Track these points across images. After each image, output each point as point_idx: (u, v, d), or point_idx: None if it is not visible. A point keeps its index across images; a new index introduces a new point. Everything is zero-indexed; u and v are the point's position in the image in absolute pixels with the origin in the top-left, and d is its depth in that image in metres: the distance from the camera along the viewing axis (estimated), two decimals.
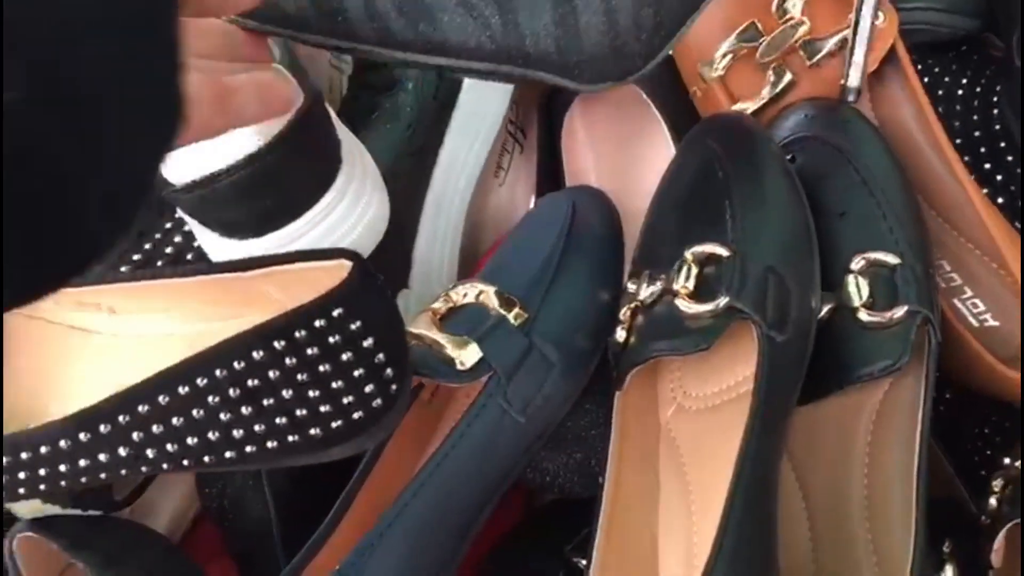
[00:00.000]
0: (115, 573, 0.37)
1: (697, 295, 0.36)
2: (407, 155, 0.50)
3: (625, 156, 0.54)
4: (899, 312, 0.37)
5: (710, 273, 0.36)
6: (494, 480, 0.39)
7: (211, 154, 0.39)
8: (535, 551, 0.44)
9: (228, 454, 0.35)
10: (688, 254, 0.37)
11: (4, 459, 0.35)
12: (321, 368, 0.34)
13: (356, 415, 0.35)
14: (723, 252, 0.37)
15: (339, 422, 0.35)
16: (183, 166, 0.40)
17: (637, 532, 0.41)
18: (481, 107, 0.53)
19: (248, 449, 0.35)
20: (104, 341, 0.41)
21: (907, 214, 0.40)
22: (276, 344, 0.33)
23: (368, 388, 0.34)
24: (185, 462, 0.35)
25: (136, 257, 0.48)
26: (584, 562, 0.42)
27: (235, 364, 0.33)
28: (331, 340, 0.33)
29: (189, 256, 0.48)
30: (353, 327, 0.33)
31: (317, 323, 0.33)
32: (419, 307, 0.49)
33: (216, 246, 0.44)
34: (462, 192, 0.52)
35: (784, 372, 0.36)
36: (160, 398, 0.34)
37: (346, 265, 0.34)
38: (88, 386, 0.40)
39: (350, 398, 0.34)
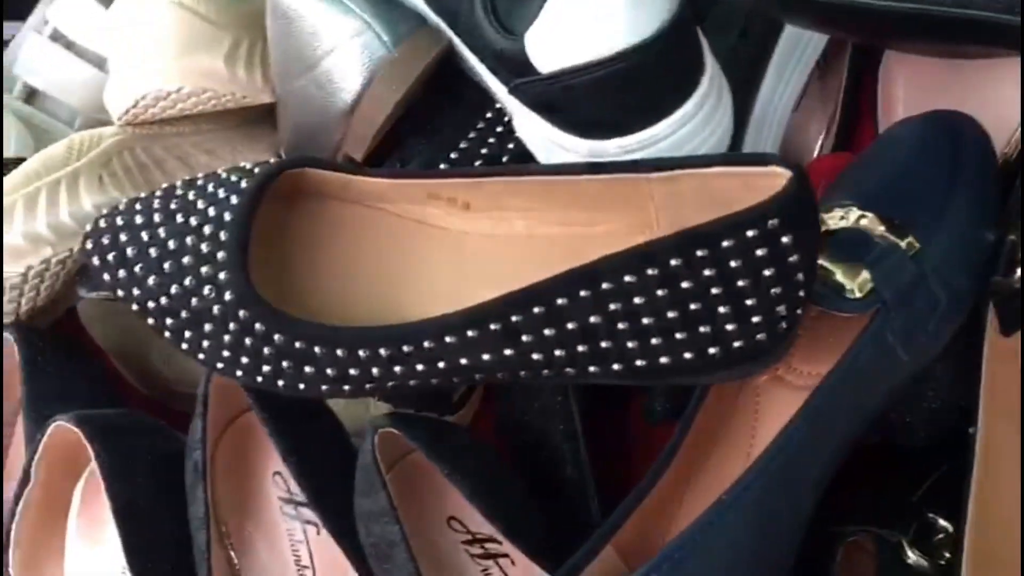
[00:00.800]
0: (461, 478, 0.36)
1: None
2: (737, 67, 0.46)
3: (958, 81, 0.49)
4: None
5: None
6: (861, 425, 0.36)
7: (590, 43, 0.37)
8: (880, 499, 0.41)
9: (616, 366, 0.33)
10: None
11: (382, 351, 0.34)
12: (740, 283, 0.31)
13: (759, 336, 0.32)
14: None
15: (740, 343, 0.32)
16: (556, 53, 0.37)
17: (1007, 491, 0.37)
18: None
19: (637, 363, 0.33)
20: (454, 239, 0.39)
21: None
22: (698, 252, 0.30)
23: (780, 308, 0.32)
24: (568, 370, 0.33)
25: (453, 155, 0.46)
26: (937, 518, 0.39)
27: (648, 270, 0.31)
28: (758, 253, 0.30)
29: (505, 158, 0.46)
30: (784, 240, 0.30)
31: (748, 232, 0.30)
32: None
33: (553, 145, 0.42)
34: (783, 111, 0.49)
35: None
36: (558, 300, 0.32)
37: (779, 172, 0.31)
38: (439, 283, 0.38)
39: (758, 318, 0.32)
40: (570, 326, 0.32)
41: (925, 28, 0.36)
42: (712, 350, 0.32)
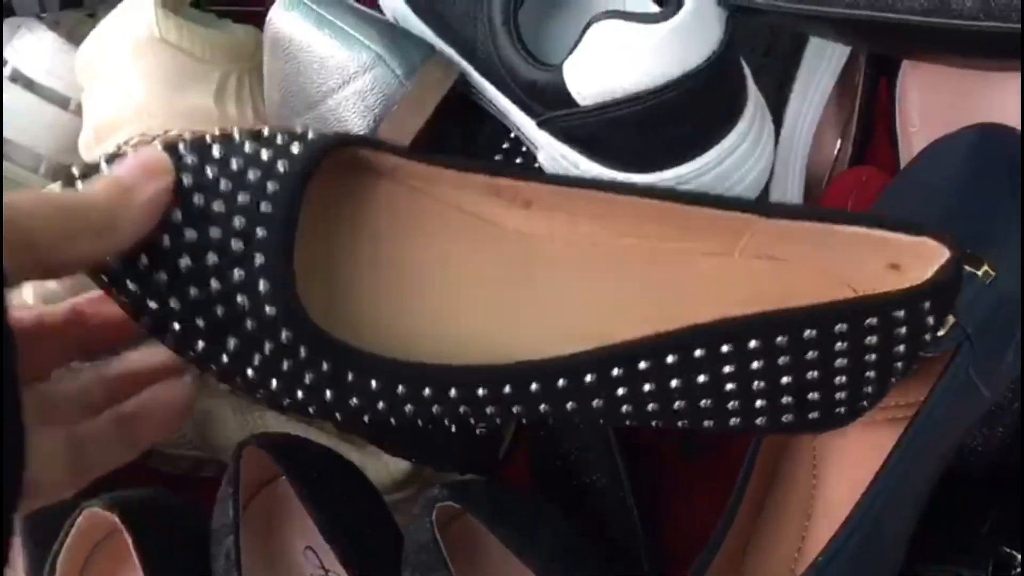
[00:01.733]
0: (526, 548, 0.33)
1: None
2: (766, 84, 0.44)
3: (975, 91, 0.48)
4: None
5: None
6: (943, 465, 0.35)
7: (637, 73, 0.34)
8: (952, 536, 0.39)
9: (707, 423, 0.30)
10: None
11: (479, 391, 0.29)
12: (868, 357, 0.28)
13: (860, 404, 0.30)
14: None
15: (842, 409, 0.30)
16: (596, 84, 0.35)
17: None
18: None
19: (731, 421, 0.30)
20: (513, 238, 0.34)
21: None
22: (839, 327, 0.28)
23: (892, 380, 0.30)
24: (680, 423, 0.30)
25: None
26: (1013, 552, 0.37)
27: (793, 334, 0.28)
28: (897, 332, 0.28)
29: None
30: (928, 321, 0.28)
31: (896, 313, 0.28)
32: None
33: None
34: (810, 123, 0.47)
35: None
36: (696, 351, 0.28)
37: (933, 246, 0.28)
38: (490, 281, 0.34)
39: (869, 388, 0.29)
40: (701, 379, 0.29)
41: (943, 40, 0.34)
42: (812, 415, 0.30)
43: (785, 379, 0.29)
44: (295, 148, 0.28)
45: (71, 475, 0.26)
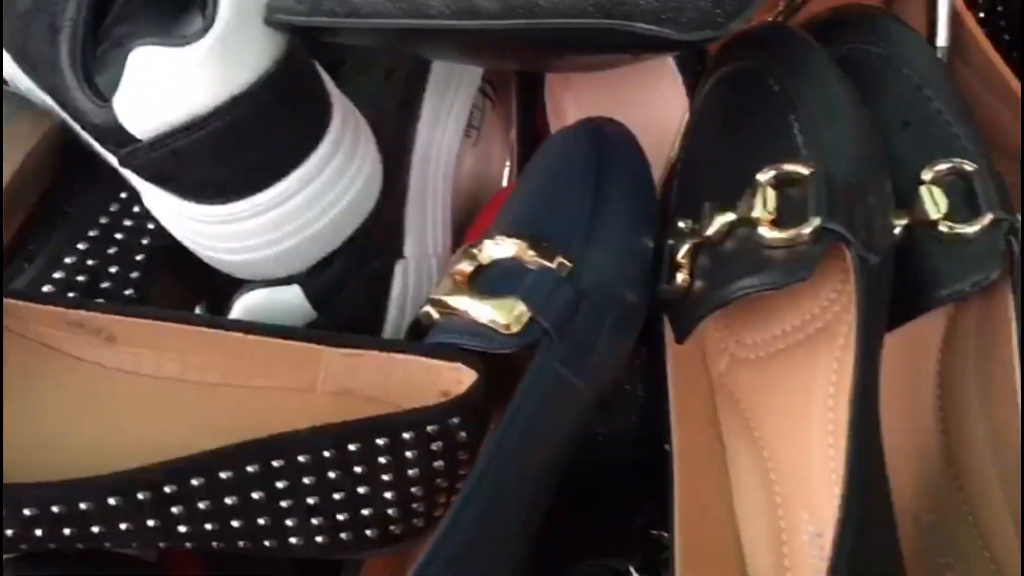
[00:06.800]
0: None
1: (779, 222, 0.32)
2: (389, 108, 0.44)
3: (623, 89, 0.49)
4: (985, 221, 0.34)
5: (791, 195, 0.32)
6: (553, 459, 0.34)
7: (183, 99, 0.33)
8: (607, 529, 0.39)
9: (267, 543, 0.30)
10: (761, 177, 0.33)
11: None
12: (410, 472, 0.31)
13: (415, 522, 0.31)
14: (803, 171, 0.32)
15: (397, 527, 0.31)
16: (149, 115, 0.33)
17: (712, 498, 0.36)
18: None
19: (292, 540, 0.31)
20: (93, 372, 0.34)
21: (968, 117, 0.37)
22: (378, 440, 0.30)
23: (441, 499, 0.32)
24: (214, 543, 0.30)
25: (81, 246, 0.40)
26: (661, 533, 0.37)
27: (325, 452, 0.29)
28: (433, 447, 0.31)
29: (145, 241, 0.41)
30: (460, 436, 0.31)
31: (429, 428, 0.30)
32: (417, 278, 0.44)
33: (183, 218, 0.38)
34: (448, 146, 0.47)
35: (877, 298, 0.32)
36: (222, 474, 0.29)
37: (466, 370, 0.32)
38: (70, 419, 0.33)
39: (419, 505, 0.31)
40: (228, 501, 0.29)
41: (526, 42, 0.34)
42: (369, 532, 0.31)
43: (338, 495, 0.30)
44: None
45: None
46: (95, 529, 0.29)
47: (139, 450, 0.31)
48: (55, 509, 0.29)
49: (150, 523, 0.29)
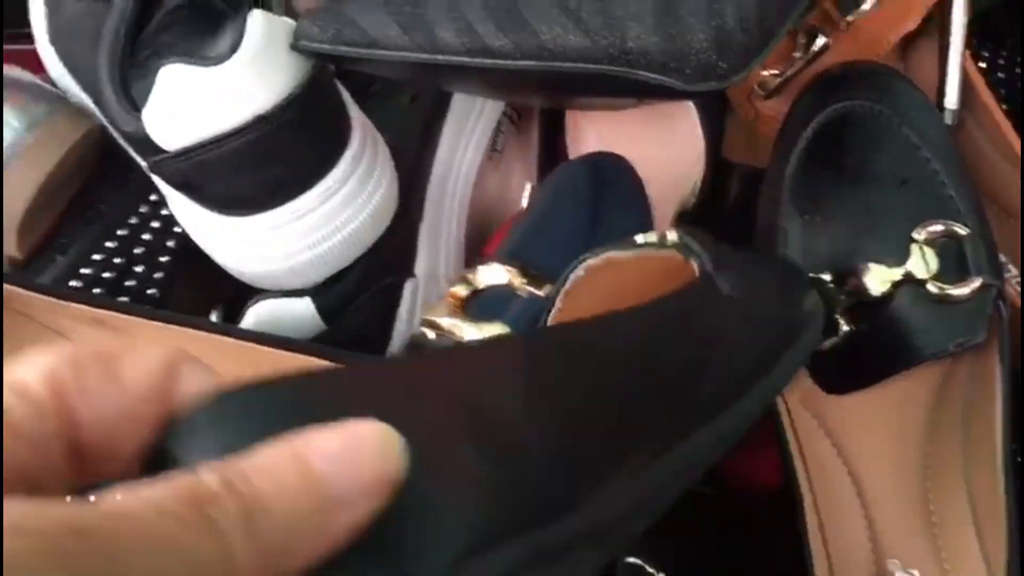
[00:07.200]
0: None
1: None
2: (411, 131, 0.46)
3: (642, 123, 0.51)
4: (974, 285, 0.35)
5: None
6: None
7: (209, 116, 0.35)
8: None
9: None
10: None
11: None
12: None
13: None
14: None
15: None
16: (177, 129, 0.35)
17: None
18: None
19: None
20: None
21: (965, 179, 0.37)
22: None
23: None
24: None
25: (110, 244, 0.42)
26: None
27: None
28: None
29: (170, 243, 0.43)
30: None
31: None
32: (426, 296, 0.45)
33: (204, 226, 0.40)
34: (466, 171, 0.48)
35: None
36: None
37: None
38: None
39: None
40: None
41: (536, 82, 0.36)
42: None
43: None
44: None
45: None
46: None
47: None
48: None
49: None
